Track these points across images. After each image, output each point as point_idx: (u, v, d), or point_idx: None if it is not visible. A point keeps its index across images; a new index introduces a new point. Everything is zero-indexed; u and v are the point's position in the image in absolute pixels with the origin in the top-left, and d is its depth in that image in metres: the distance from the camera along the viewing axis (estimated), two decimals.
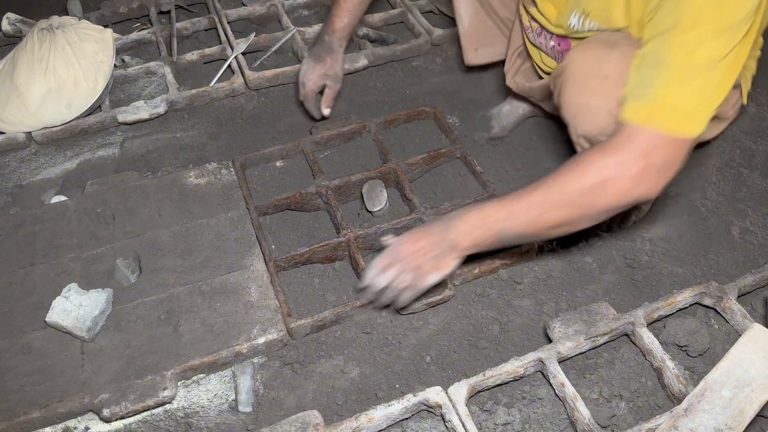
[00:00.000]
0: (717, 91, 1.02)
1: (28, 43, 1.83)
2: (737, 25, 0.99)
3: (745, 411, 1.09)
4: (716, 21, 0.98)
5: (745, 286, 1.38)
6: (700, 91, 1.00)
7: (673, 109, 1.00)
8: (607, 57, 1.17)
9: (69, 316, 1.30)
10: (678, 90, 1.00)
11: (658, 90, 1.01)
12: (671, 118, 1.00)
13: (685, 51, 0.99)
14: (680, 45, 1.00)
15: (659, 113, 1.01)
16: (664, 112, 1.00)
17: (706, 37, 0.98)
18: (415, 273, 1.23)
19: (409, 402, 1.19)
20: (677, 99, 1.00)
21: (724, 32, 0.98)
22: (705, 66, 0.99)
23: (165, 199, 1.61)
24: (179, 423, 1.27)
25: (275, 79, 1.97)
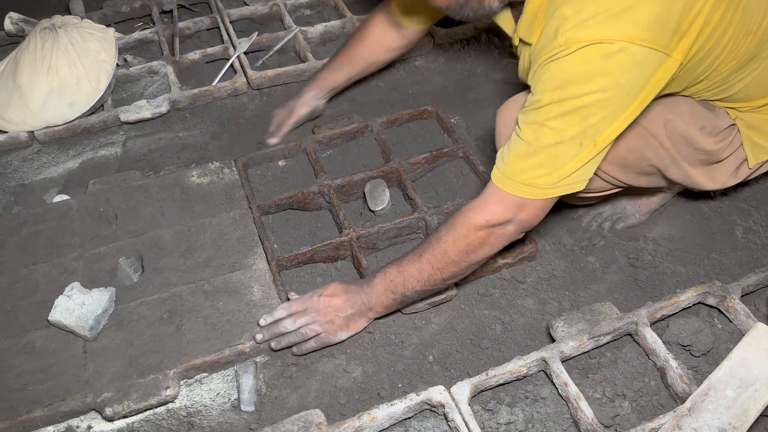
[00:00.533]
0: (554, 168, 1.10)
1: (30, 42, 1.83)
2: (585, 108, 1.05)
3: (749, 411, 1.09)
4: (559, 104, 1.06)
5: (748, 285, 1.38)
6: (535, 165, 1.11)
7: (512, 175, 1.13)
8: None
9: (71, 315, 1.30)
10: (521, 164, 1.12)
11: (509, 159, 1.14)
12: (514, 187, 1.14)
13: (532, 129, 1.10)
14: (529, 122, 1.10)
15: (508, 183, 1.14)
16: (509, 181, 1.14)
17: (549, 117, 1.07)
18: (326, 327, 1.32)
19: (412, 401, 1.19)
20: (518, 171, 1.12)
21: (567, 114, 1.06)
22: (545, 145, 1.09)
23: (167, 199, 1.61)
24: (182, 422, 1.27)
25: (277, 79, 1.97)
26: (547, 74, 1.07)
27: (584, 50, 1.02)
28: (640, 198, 1.59)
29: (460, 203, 1.59)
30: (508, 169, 1.13)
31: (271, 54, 2.08)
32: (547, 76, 1.07)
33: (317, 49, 2.14)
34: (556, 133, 1.07)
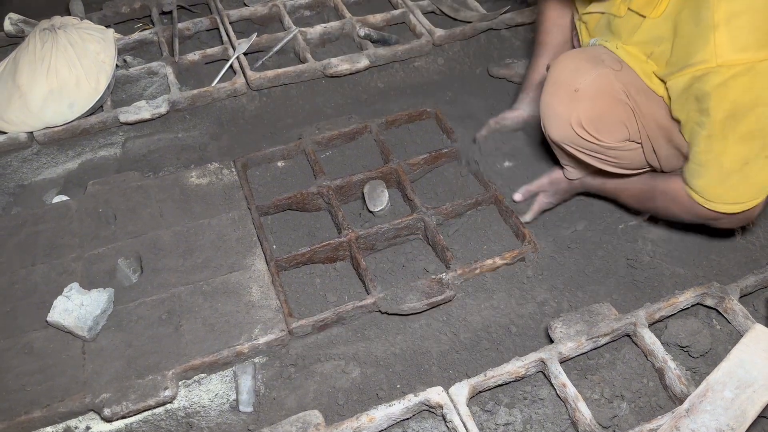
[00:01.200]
0: (751, 182, 1.19)
1: (30, 43, 1.83)
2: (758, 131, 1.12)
3: (747, 412, 1.09)
4: (735, 129, 1.12)
5: (746, 286, 1.38)
6: (730, 188, 1.20)
7: (713, 200, 1.23)
8: (585, 72, 1.24)
9: (70, 315, 1.30)
10: (713, 189, 1.22)
11: (699, 184, 1.23)
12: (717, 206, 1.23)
13: (712, 157, 1.17)
14: (707, 151, 1.17)
15: (716, 206, 1.23)
16: (710, 203, 1.23)
17: (728, 144, 1.14)
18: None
19: (410, 402, 1.19)
20: (713, 194, 1.22)
21: (746, 138, 1.13)
22: (733, 170, 1.17)
23: (166, 199, 1.61)
24: (180, 423, 1.27)
25: (277, 80, 1.97)
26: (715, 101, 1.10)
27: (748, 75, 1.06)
28: None
29: (459, 204, 1.60)
30: (710, 196, 1.22)
31: (270, 55, 2.08)
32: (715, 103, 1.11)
33: (316, 50, 2.15)
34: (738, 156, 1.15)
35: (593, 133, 1.26)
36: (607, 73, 1.22)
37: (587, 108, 1.24)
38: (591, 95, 1.23)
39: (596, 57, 1.25)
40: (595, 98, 1.23)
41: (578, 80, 1.23)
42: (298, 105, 1.97)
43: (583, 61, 1.26)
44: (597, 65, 1.23)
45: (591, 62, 1.25)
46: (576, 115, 1.24)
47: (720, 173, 1.18)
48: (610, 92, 1.22)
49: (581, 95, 1.23)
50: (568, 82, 1.24)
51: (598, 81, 1.22)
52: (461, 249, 1.55)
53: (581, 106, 1.23)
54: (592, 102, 1.23)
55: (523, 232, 1.54)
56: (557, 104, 1.27)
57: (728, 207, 1.22)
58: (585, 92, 1.23)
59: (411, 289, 1.41)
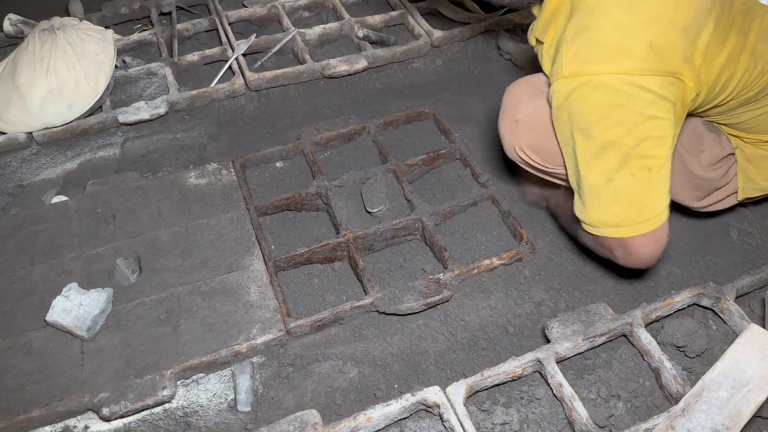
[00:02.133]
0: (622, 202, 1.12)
1: (29, 43, 1.83)
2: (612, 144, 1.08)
3: (742, 411, 1.09)
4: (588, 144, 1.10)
5: (743, 287, 1.39)
6: (605, 209, 1.15)
7: (597, 225, 1.18)
8: (524, 105, 1.29)
9: (69, 315, 1.31)
10: (595, 214, 1.17)
11: (586, 216, 1.18)
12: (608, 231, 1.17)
13: (579, 178, 1.15)
14: (575, 172, 1.16)
15: (602, 232, 1.18)
16: (602, 230, 1.18)
17: (587, 160, 1.12)
18: None
19: (408, 402, 1.20)
20: (593, 218, 1.17)
21: (600, 153, 1.09)
22: (599, 188, 1.13)
23: (165, 200, 1.62)
24: (178, 422, 1.28)
25: (275, 81, 1.98)
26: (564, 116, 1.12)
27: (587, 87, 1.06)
28: None
29: (458, 204, 1.60)
30: (593, 223, 1.18)
31: (269, 56, 2.09)
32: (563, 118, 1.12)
33: (315, 51, 2.15)
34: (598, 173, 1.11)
35: (534, 158, 1.32)
36: (543, 105, 1.25)
37: (526, 137, 1.30)
38: (528, 126, 1.29)
39: (536, 88, 1.30)
40: (531, 129, 1.28)
41: (518, 112, 1.30)
42: (297, 106, 1.98)
43: (524, 92, 1.32)
44: (535, 97, 1.28)
45: (530, 94, 1.30)
46: (518, 143, 1.32)
47: (591, 194, 1.15)
48: (546, 123, 1.24)
49: (520, 126, 1.30)
50: (511, 112, 1.31)
51: (535, 113, 1.27)
52: (459, 249, 1.56)
53: (521, 135, 1.30)
54: (529, 132, 1.29)
55: (521, 232, 1.54)
56: (504, 131, 1.35)
57: (613, 232, 1.16)
58: (523, 123, 1.29)
59: (409, 289, 1.42)
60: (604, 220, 1.16)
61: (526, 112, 1.29)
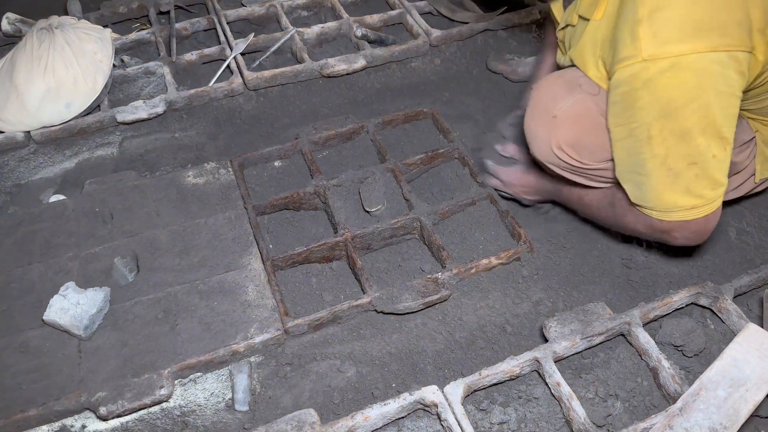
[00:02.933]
0: (703, 181, 1.12)
1: (27, 42, 1.83)
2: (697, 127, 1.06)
3: (740, 410, 1.10)
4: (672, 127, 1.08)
5: (741, 286, 1.39)
6: (684, 191, 1.13)
7: (668, 210, 1.16)
8: (561, 99, 1.24)
9: (66, 314, 1.31)
10: (665, 196, 1.15)
11: (650, 197, 1.17)
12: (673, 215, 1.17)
13: (658, 162, 1.11)
14: (651, 156, 1.12)
15: (671, 216, 1.17)
16: (666, 214, 1.17)
17: (669, 144, 1.09)
18: None
19: (405, 401, 1.19)
20: (666, 203, 1.16)
21: (685, 136, 1.08)
22: (681, 170, 1.11)
23: (163, 199, 1.62)
24: (176, 421, 1.28)
25: (274, 80, 1.97)
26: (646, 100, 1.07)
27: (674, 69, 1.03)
28: None
29: (455, 204, 1.60)
30: (663, 207, 1.16)
31: (267, 55, 2.09)
32: (645, 102, 1.07)
33: (313, 51, 2.15)
34: (683, 156, 1.09)
35: (574, 156, 1.28)
36: (583, 98, 1.22)
37: (566, 133, 1.25)
38: (568, 121, 1.24)
39: (573, 82, 1.26)
40: (572, 124, 1.24)
41: (556, 107, 1.24)
42: (295, 105, 1.98)
43: (560, 87, 1.27)
44: (573, 91, 1.24)
45: (567, 88, 1.25)
46: (556, 140, 1.26)
47: (668, 177, 1.12)
48: (587, 116, 1.22)
49: (559, 122, 1.25)
50: (547, 108, 1.26)
51: (574, 107, 1.23)
52: (457, 249, 1.56)
53: (560, 131, 1.25)
54: (569, 128, 1.24)
55: (519, 232, 1.54)
56: (538, 129, 1.29)
57: (685, 214, 1.16)
58: (562, 118, 1.24)
59: (407, 288, 1.42)
60: (681, 203, 1.14)
61: (565, 106, 1.23)
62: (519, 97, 1.95)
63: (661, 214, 1.18)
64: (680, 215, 1.16)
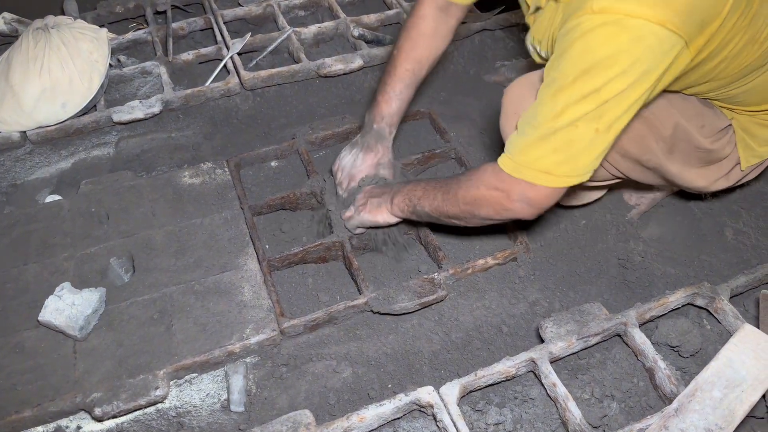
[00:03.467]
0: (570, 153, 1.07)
1: (23, 42, 1.83)
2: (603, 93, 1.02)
3: (736, 411, 1.09)
4: (582, 85, 1.02)
5: (737, 286, 1.38)
6: (549, 151, 1.08)
7: (526, 165, 1.11)
8: (527, 99, 1.23)
9: (61, 315, 1.30)
10: (535, 151, 1.09)
11: (520, 148, 1.11)
12: (530, 174, 1.11)
13: (550, 115, 1.06)
14: (550, 107, 1.06)
15: (521, 170, 1.11)
16: (523, 169, 1.11)
17: (570, 101, 1.03)
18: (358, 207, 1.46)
19: (401, 402, 1.19)
20: (533, 159, 1.10)
21: (588, 97, 1.02)
22: (561, 128, 1.05)
23: (159, 199, 1.61)
24: (171, 422, 1.27)
25: (270, 80, 1.97)
26: (576, 50, 1.02)
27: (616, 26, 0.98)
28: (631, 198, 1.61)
29: None
30: (522, 158, 1.11)
31: (264, 55, 2.09)
32: (575, 51, 1.02)
33: (310, 50, 2.15)
34: (572, 114, 1.04)
35: None
36: None
37: None
38: None
39: (536, 82, 1.25)
40: None
41: (522, 107, 1.22)
42: (292, 105, 1.97)
43: (524, 88, 1.28)
44: (534, 91, 1.20)
45: (532, 88, 1.24)
46: None
47: (547, 131, 1.06)
48: None
49: None
50: (515, 110, 1.27)
51: None
52: (453, 249, 1.56)
53: None
54: None
55: (516, 232, 1.54)
56: (509, 131, 1.30)
57: (536, 176, 1.09)
58: None
59: (403, 288, 1.41)
60: (539, 162, 1.09)
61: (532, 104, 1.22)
62: None
63: (514, 168, 1.12)
64: (531, 175, 1.10)
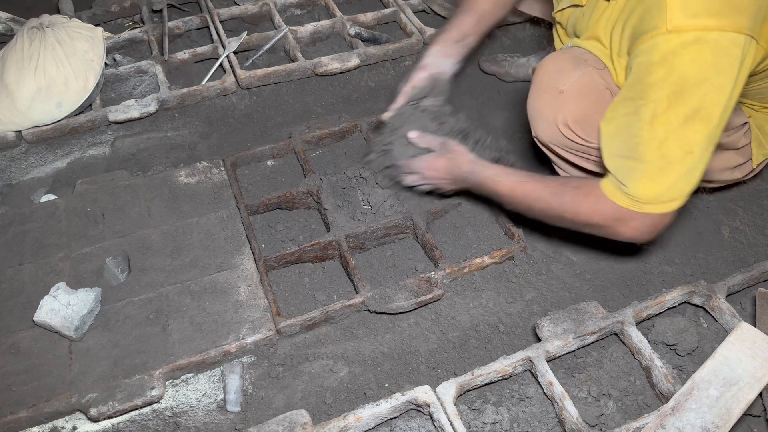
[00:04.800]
0: (690, 177, 1.07)
1: (18, 41, 1.82)
2: (702, 111, 1.01)
3: (732, 410, 1.09)
4: (679, 108, 1.01)
5: (734, 285, 1.38)
6: (672, 183, 1.07)
7: (649, 201, 1.09)
8: (568, 74, 1.21)
9: (57, 315, 1.30)
10: (653, 186, 1.08)
11: (635, 184, 1.09)
12: (648, 207, 1.10)
13: (654, 146, 1.04)
14: (649, 139, 1.04)
15: (638, 204, 1.10)
16: (641, 205, 1.10)
17: (672, 128, 1.02)
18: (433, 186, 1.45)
19: (398, 401, 1.19)
20: (652, 193, 1.08)
21: (689, 120, 1.02)
22: (676, 159, 1.05)
23: (155, 198, 1.61)
24: (167, 422, 1.27)
25: (267, 78, 1.96)
26: (660, 74, 1.01)
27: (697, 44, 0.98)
28: None
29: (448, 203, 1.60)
30: (645, 196, 1.08)
31: (260, 53, 2.08)
32: (659, 76, 1.02)
33: (307, 49, 2.14)
34: (683, 143, 1.03)
35: (580, 134, 1.25)
36: (590, 72, 1.21)
37: (573, 109, 1.23)
38: (575, 95, 1.22)
39: (579, 57, 1.25)
40: (579, 98, 1.22)
41: (562, 81, 1.22)
42: (288, 104, 1.97)
43: (566, 62, 1.25)
44: (579, 65, 1.22)
45: (574, 63, 1.24)
46: (562, 116, 1.23)
47: (660, 165, 1.05)
48: (594, 91, 1.22)
49: (566, 96, 1.22)
50: (553, 84, 1.24)
51: (581, 80, 1.21)
52: (450, 248, 1.55)
53: (566, 107, 1.23)
54: (576, 102, 1.22)
55: (513, 231, 1.54)
56: (543, 107, 1.27)
57: (659, 207, 1.09)
58: (569, 93, 1.22)
59: (400, 288, 1.41)
60: (663, 194, 1.07)
61: (572, 80, 1.20)
62: (514, 95, 1.95)
63: (633, 204, 1.10)
64: (660, 208, 1.09)
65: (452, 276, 1.46)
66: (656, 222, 1.13)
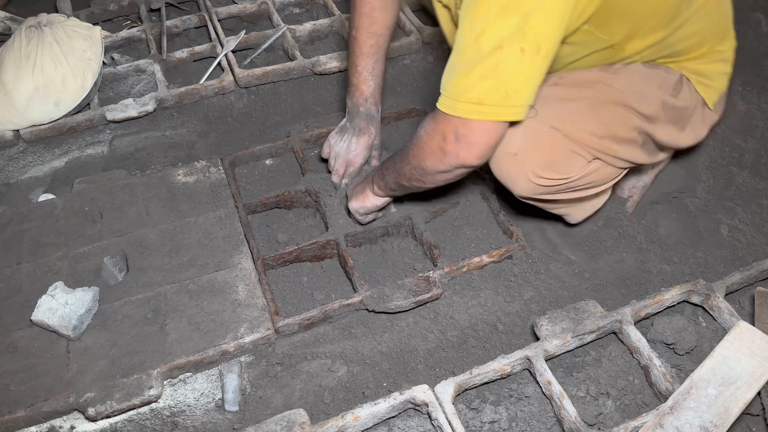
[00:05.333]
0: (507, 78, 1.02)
1: (15, 40, 1.82)
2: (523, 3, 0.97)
3: (731, 409, 1.09)
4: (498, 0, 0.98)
5: (733, 284, 1.38)
6: (477, 79, 1.02)
7: (458, 98, 1.05)
8: (511, 136, 1.19)
9: (55, 314, 1.30)
10: (465, 82, 1.03)
11: (453, 82, 1.06)
12: (462, 108, 1.05)
13: (471, 37, 1.01)
14: (469, 27, 1.01)
15: (455, 106, 1.06)
16: (456, 103, 1.06)
17: (489, 18, 0.98)
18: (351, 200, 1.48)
19: (396, 400, 1.19)
20: (463, 90, 1.04)
21: (507, 12, 0.97)
22: (487, 52, 1.00)
23: (153, 198, 1.61)
24: (165, 422, 1.27)
25: (265, 77, 1.96)
26: None
27: None
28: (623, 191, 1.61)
29: (447, 202, 1.60)
30: (453, 92, 1.05)
31: (259, 52, 2.08)
32: None
33: (305, 48, 2.14)
34: (495, 34, 0.98)
35: (555, 176, 1.26)
36: (527, 125, 1.17)
37: (535, 162, 1.23)
38: (530, 151, 1.22)
39: None
40: (534, 151, 1.22)
41: (510, 146, 1.21)
42: (287, 103, 1.97)
43: None
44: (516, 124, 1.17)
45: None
46: (530, 172, 1.24)
47: (473, 56, 1.00)
48: (542, 138, 1.21)
49: (521, 156, 1.23)
50: (504, 151, 1.22)
51: (524, 136, 1.20)
52: (449, 247, 1.55)
53: (528, 164, 1.23)
54: (534, 156, 1.22)
55: (511, 230, 1.54)
56: (509, 171, 1.27)
57: (469, 108, 1.04)
58: (522, 151, 1.22)
59: (398, 287, 1.41)
60: (470, 92, 1.03)
61: (518, 141, 1.20)
62: None
63: (449, 105, 1.06)
64: (464, 109, 1.05)
65: (451, 275, 1.46)
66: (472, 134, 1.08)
